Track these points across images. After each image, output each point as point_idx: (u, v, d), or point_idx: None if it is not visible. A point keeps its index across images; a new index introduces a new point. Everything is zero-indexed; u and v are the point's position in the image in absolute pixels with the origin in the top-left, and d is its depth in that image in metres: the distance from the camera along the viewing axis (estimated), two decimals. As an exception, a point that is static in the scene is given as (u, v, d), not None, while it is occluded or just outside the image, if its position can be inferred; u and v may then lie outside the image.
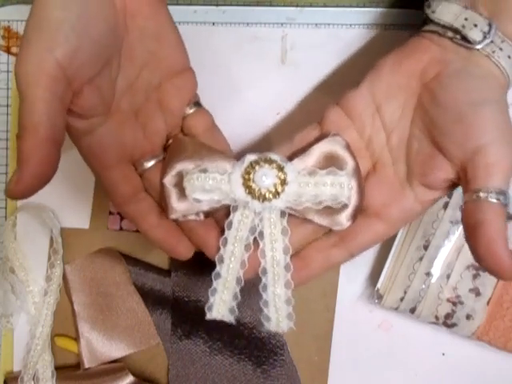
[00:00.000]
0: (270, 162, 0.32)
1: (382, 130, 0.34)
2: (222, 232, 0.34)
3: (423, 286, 0.43)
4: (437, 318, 0.43)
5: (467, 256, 0.43)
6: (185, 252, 0.35)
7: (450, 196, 0.43)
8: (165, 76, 0.34)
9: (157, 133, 0.35)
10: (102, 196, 0.46)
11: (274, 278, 0.34)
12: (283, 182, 0.32)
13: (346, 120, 0.35)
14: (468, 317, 0.43)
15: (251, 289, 0.35)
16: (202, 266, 0.46)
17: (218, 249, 0.34)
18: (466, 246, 0.42)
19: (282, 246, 0.34)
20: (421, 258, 0.43)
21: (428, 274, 0.43)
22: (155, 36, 0.33)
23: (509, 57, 0.31)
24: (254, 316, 0.46)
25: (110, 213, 0.46)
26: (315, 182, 0.32)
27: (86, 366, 0.45)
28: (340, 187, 0.32)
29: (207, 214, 0.35)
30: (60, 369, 0.46)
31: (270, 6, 0.45)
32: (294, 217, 0.34)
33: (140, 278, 0.45)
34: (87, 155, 0.33)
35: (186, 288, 0.46)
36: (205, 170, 0.32)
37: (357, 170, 0.33)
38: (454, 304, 0.43)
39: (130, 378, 0.45)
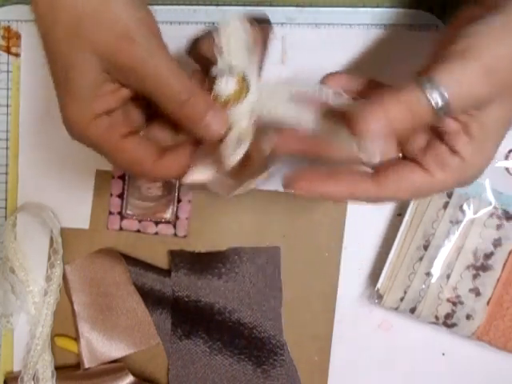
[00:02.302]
0: None
1: None
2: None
3: (423, 286, 0.43)
4: (437, 318, 0.43)
5: (467, 256, 0.43)
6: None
7: (450, 196, 0.43)
8: None
9: None
10: (102, 196, 0.46)
11: None
12: None
13: None
14: (468, 317, 0.43)
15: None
16: (202, 265, 0.46)
17: None
18: (466, 246, 0.43)
19: None
20: (421, 258, 0.43)
21: (428, 274, 0.43)
22: None
23: None
24: (254, 316, 0.46)
25: (110, 213, 0.46)
26: None
27: (86, 365, 0.45)
28: None
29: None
30: (60, 369, 0.46)
31: (270, 5, 0.44)
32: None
33: (140, 278, 0.45)
34: None
35: (186, 288, 0.46)
36: None
37: None
38: (454, 304, 0.43)
39: (130, 378, 0.45)
